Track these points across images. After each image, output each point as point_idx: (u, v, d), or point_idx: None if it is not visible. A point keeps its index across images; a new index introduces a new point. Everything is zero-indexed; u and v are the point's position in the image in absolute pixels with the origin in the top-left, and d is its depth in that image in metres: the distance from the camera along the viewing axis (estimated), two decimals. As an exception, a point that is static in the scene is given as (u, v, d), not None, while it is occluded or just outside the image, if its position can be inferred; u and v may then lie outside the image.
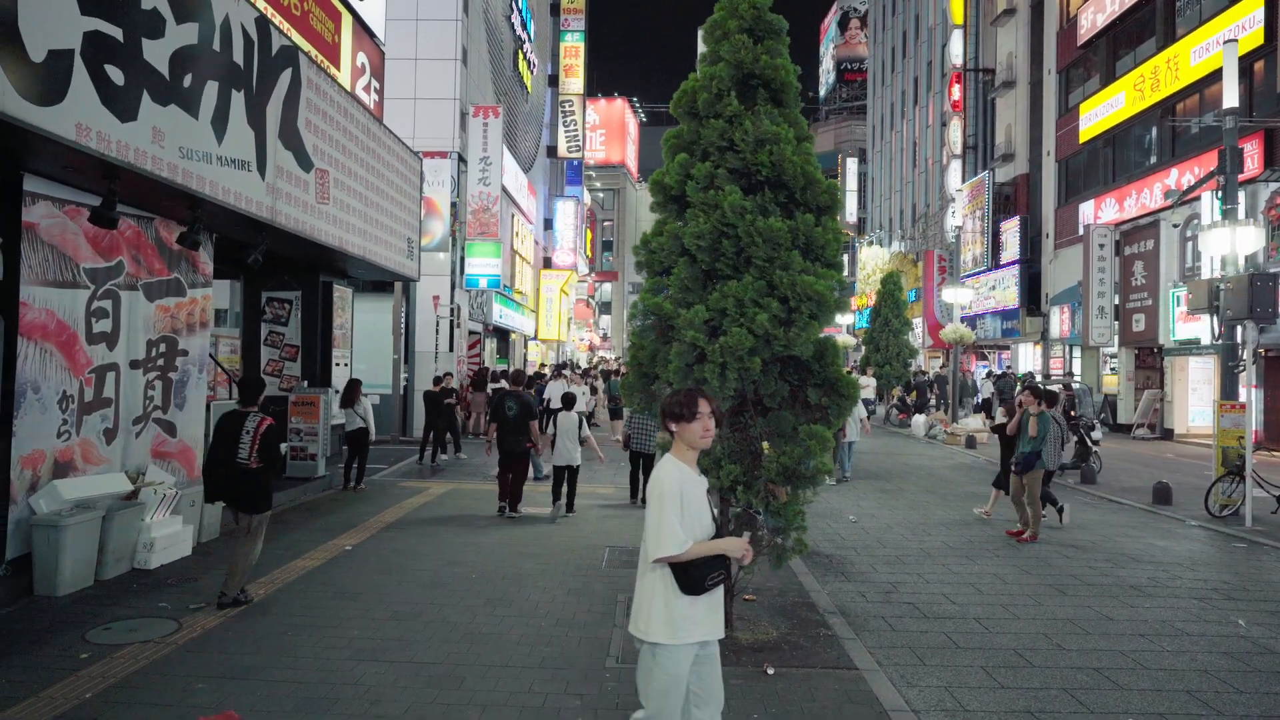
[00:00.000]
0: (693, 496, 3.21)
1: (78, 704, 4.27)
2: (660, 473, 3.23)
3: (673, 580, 3.13)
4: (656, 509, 3.14)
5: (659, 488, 3.18)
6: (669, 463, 3.28)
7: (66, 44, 5.31)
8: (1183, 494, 11.62)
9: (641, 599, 3.22)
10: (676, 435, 3.31)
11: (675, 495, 3.14)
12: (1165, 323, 20.60)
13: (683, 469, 3.25)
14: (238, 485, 5.99)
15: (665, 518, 3.10)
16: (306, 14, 10.92)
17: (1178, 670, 5.20)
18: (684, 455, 3.30)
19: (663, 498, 3.14)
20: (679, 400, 3.31)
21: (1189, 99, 21.15)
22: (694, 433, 3.26)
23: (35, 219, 6.17)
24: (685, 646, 3.15)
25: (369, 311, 16.56)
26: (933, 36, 41.95)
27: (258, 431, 5.98)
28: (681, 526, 3.11)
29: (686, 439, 3.28)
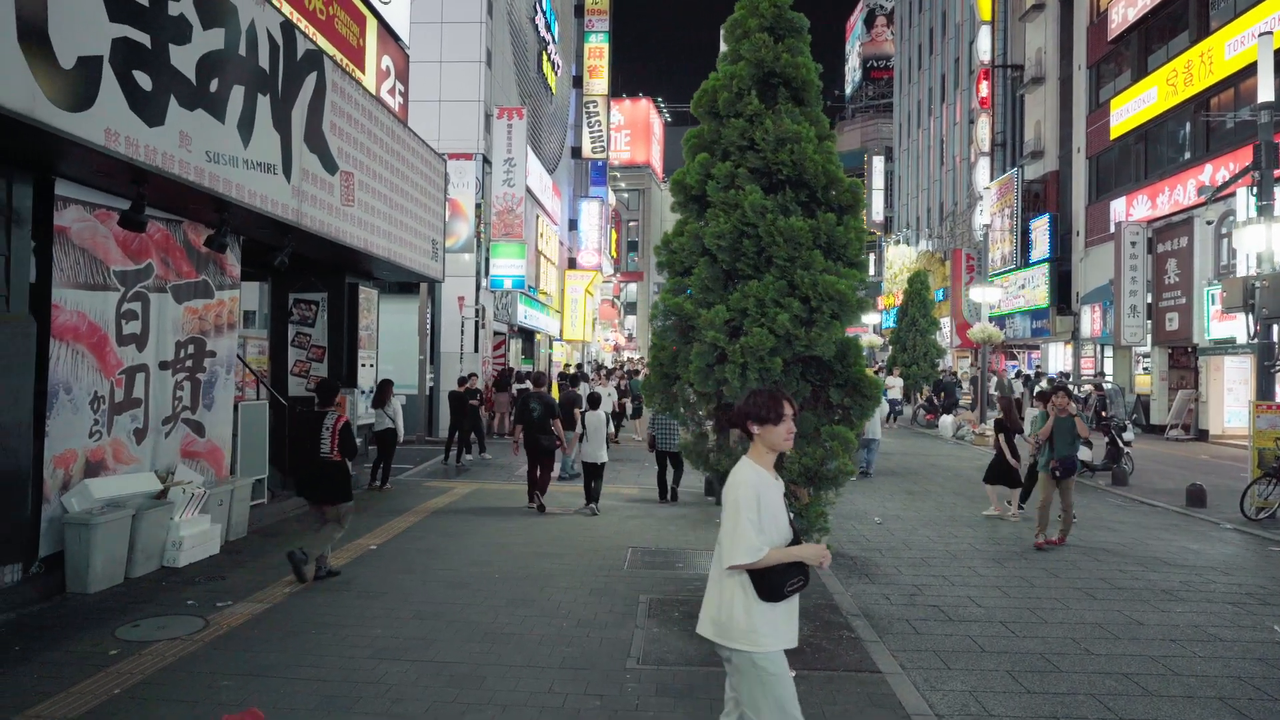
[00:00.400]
0: (770, 500, 3.10)
1: (106, 700, 4.35)
2: (737, 477, 3.12)
3: (751, 586, 3.05)
4: (732, 514, 3.04)
5: (735, 492, 3.07)
6: (747, 467, 3.16)
7: (96, 50, 5.40)
8: (1217, 496, 11.38)
9: (721, 605, 3.12)
10: (758, 438, 3.19)
11: (753, 501, 3.04)
12: (1199, 321, 20.21)
13: (760, 473, 3.13)
14: (323, 478, 6.72)
15: (740, 524, 3.01)
16: (331, 18, 11.03)
17: (1210, 677, 5.09)
18: (762, 458, 3.19)
19: (738, 503, 3.04)
20: (762, 402, 3.18)
21: (1223, 93, 20.72)
22: (778, 435, 3.15)
23: (67, 223, 6.28)
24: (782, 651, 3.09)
25: (395, 313, 16.70)
26: (960, 33, 41.50)
27: (335, 427, 6.74)
28: (758, 533, 3.00)
29: (769, 442, 3.17)
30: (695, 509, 10.27)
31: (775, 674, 3.06)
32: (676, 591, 6.57)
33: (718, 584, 3.15)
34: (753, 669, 3.06)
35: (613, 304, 46.96)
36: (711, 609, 3.16)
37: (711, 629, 3.15)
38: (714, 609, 3.15)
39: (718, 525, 8.43)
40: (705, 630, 3.18)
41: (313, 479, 6.79)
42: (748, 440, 3.25)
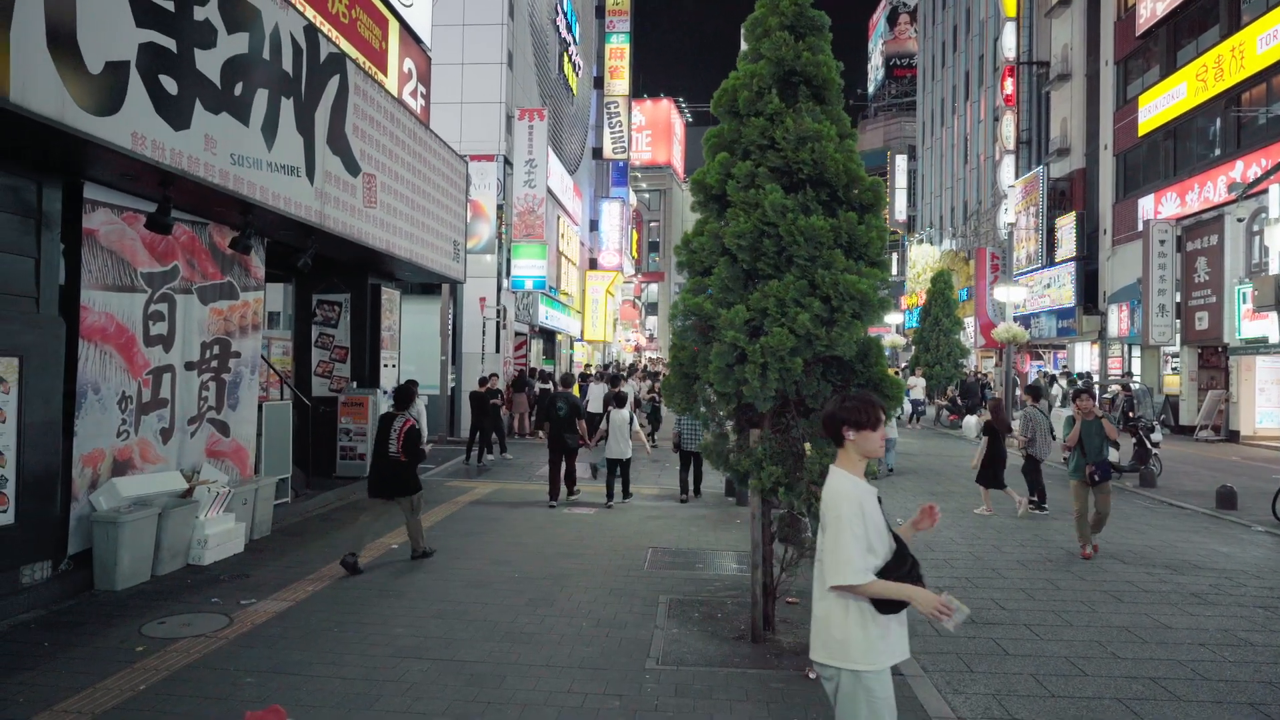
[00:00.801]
0: (872, 511, 2.92)
1: (132, 695, 4.41)
2: (837, 488, 2.94)
3: (854, 600, 2.89)
4: (834, 530, 2.87)
5: (837, 507, 2.89)
6: (843, 477, 2.97)
7: (123, 56, 5.48)
8: (1249, 498, 11.18)
9: (830, 621, 2.93)
10: (851, 444, 3.00)
11: (857, 514, 2.86)
12: (1230, 320, 19.86)
13: (858, 482, 2.95)
14: (390, 476, 7.29)
15: (844, 540, 2.83)
16: (354, 21, 11.12)
17: (1240, 682, 5.00)
18: (855, 466, 3.00)
19: (841, 519, 2.86)
20: (859, 406, 3.00)
21: (1255, 88, 20.35)
22: (874, 442, 2.98)
23: (95, 225, 6.38)
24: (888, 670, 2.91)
25: (417, 313, 16.81)
26: (984, 30, 41.09)
27: (402, 430, 7.28)
28: (866, 551, 2.84)
29: (864, 448, 2.99)
30: (716, 510, 10.24)
31: (881, 697, 2.86)
32: (696, 592, 6.56)
33: (820, 601, 2.98)
34: (857, 688, 2.87)
35: (634, 304, 46.95)
36: (817, 628, 2.99)
37: (818, 650, 2.98)
38: (818, 628, 2.99)
39: (738, 525, 8.42)
40: (816, 653, 2.99)
41: (380, 478, 7.35)
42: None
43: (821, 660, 2.96)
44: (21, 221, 5.79)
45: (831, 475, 3.02)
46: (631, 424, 10.67)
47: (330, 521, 9.07)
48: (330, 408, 11.36)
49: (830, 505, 2.93)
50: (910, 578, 2.90)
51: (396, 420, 7.35)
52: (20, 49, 4.71)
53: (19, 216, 5.77)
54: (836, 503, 2.90)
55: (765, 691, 4.64)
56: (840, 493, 2.92)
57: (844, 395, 3.12)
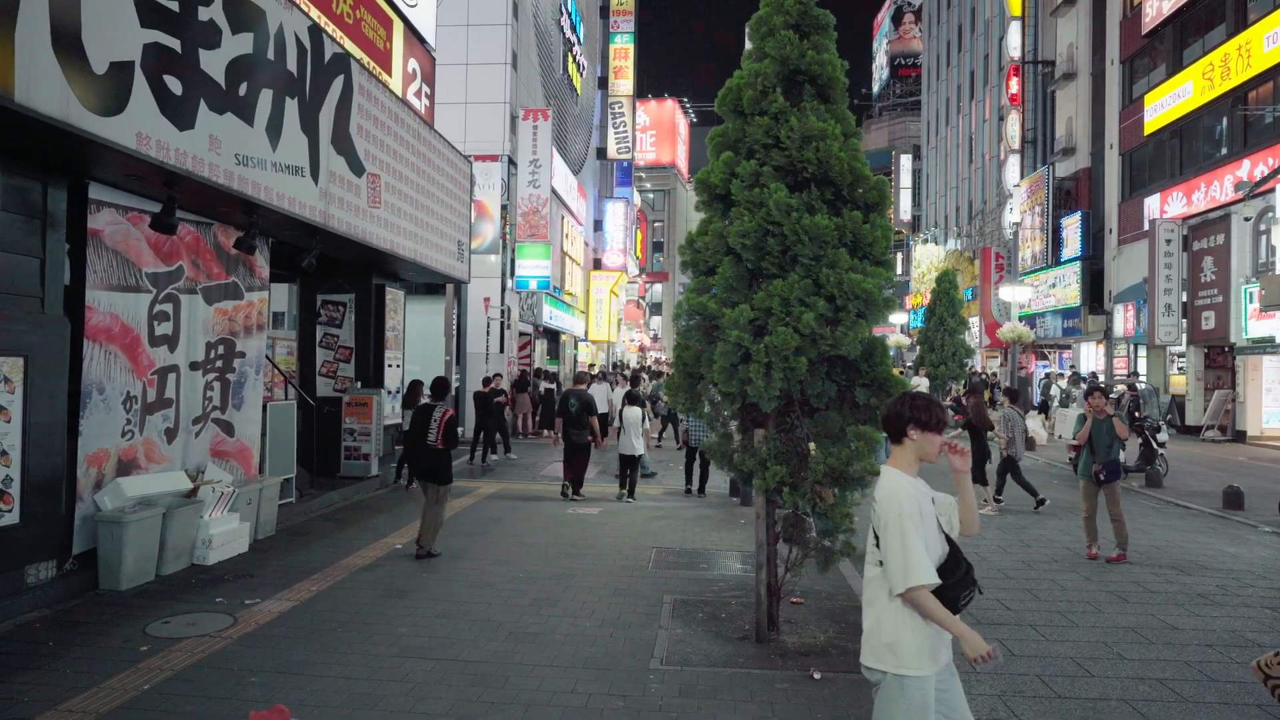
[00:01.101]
0: (929, 512, 2.88)
1: (136, 695, 4.41)
2: (894, 490, 2.88)
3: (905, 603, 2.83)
4: (898, 533, 2.80)
5: (897, 507, 2.82)
6: (900, 478, 2.91)
7: (127, 56, 5.49)
8: (1256, 499, 11.13)
9: (881, 625, 2.88)
10: (911, 445, 2.97)
11: (916, 515, 2.81)
12: (1237, 320, 19.78)
13: (914, 482, 2.91)
14: (429, 462, 7.65)
15: (910, 542, 2.77)
16: (359, 22, 11.13)
17: (1248, 683, 4.97)
18: (910, 467, 2.97)
19: (903, 518, 2.80)
20: (927, 406, 2.97)
21: (1262, 87, 20.27)
22: (935, 445, 2.96)
23: (100, 225, 6.39)
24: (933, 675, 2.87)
25: (421, 313, 16.81)
26: (989, 29, 41.00)
27: (441, 420, 7.65)
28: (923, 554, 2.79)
29: (924, 450, 2.96)
30: (720, 509, 10.23)
31: (920, 704, 2.82)
32: (700, 592, 6.55)
33: (873, 605, 2.94)
34: (899, 692, 2.83)
35: (638, 304, 46.93)
36: (869, 633, 2.96)
37: (867, 654, 2.95)
38: (869, 633, 2.95)
39: (742, 525, 8.40)
40: (865, 658, 2.95)
41: (420, 462, 7.81)
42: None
43: (869, 664, 2.92)
44: (27, 221, 5.80)
45: (887, 475, 2.97)
46: (643, 422, 11.05)
47: (334, 521, 9.08)
48: (335, 408, 11.38)
49: (888, 506, 2.85)
50: (965, 583, 2.87)
51: (436, 410, 7.73)
52: (25, 49, 4.72)
53: (24, 216, 5.78)
54: (898, 503, 2.83)
55: (770, 692, 4.63)
56: (900, 494, 2.85)
57: (910, 394, 3.07)
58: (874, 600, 2.93)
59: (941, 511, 2.97)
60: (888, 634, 2.86)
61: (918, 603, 2.78)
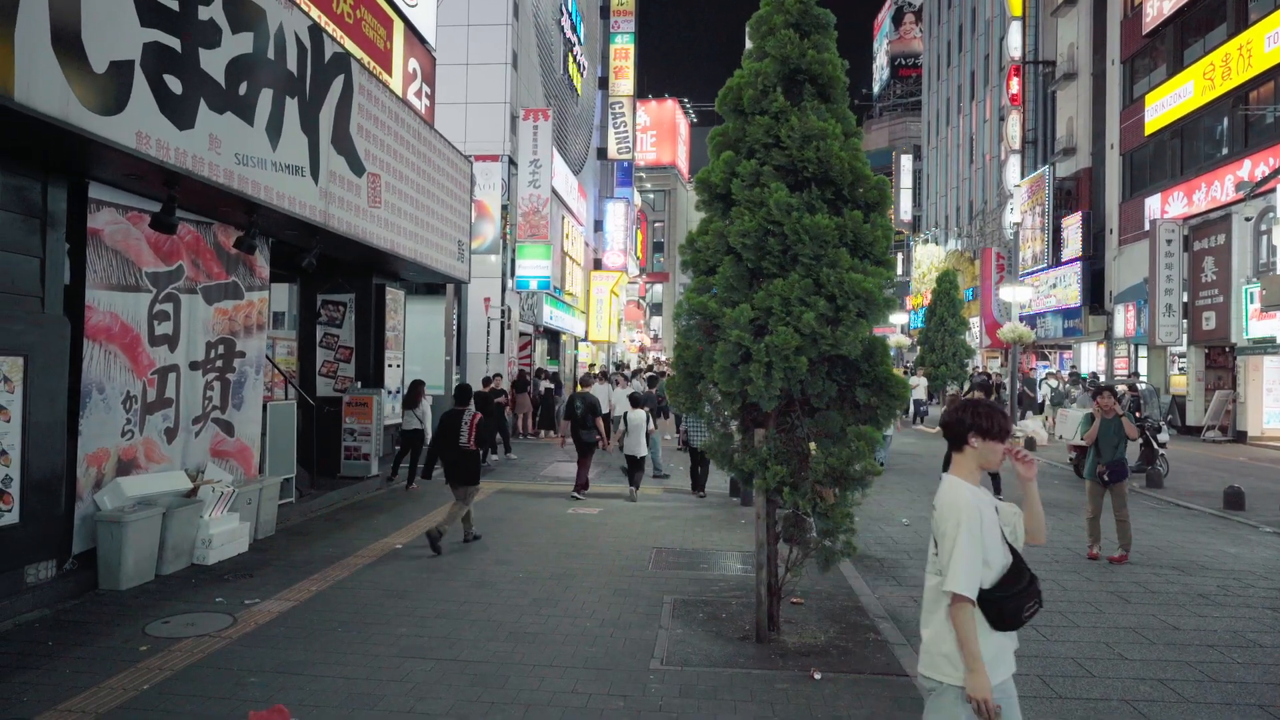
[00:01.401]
0: (991, 522, 2.84)
1: (135, 695, 4.40)
2: (956, 497, 2.85)
3: (980, 614, 2.79)
4: (953, 538, 2.78)
5: (958, 514, 2.80)
6: (961, 487, 2.88)
7: (127, 55, 5.48)
8: (1256, 499, 11.12)
9: (945, 636, 2.83)
10: (973, 452, 2.93)
11: (977, 525, 2.78)
12: (1237, 320, 19.76)
13: (977, 492, 2.88)
14: (460, 464, 7.92)
15: (961, 550, 2.75)
16: (359, 21, 11.13)
17: (1249, 684, 4.96)
18: (972, 475, 2.93)
19: (961, 526, 2.78)
20: (989, 413, 2.92)
21: (1263, 87, 20.26)
22: (997, 453, 2.91)
23: (100, 225, 6.39)
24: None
25: (421, 313, 16.78)
26: (990, 29, 41.00)
27: (472, 423, 8.01)
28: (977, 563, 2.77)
29: (986, 458, 2.92)
30: (721, 510, 10.22)
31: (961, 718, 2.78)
32: (701, 593, 6.54)
33: (933, 613, 2.90)
34: (953, 705, 2.79)
35: (638, 305, 46.94)
36: (927, 644, 2.91)
37: (925, 664, 2.91)
38: (928, 643, 2.91)
39: (743, 526, 8.40)
40: (922, 666, 2.93)
41: (452, 464, 7.98)
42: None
43: (926, 673, 2.88)
44: (26, 221, 5.79)
45: (948, 483, 2.93)
46: (648, 423, 11.34)
47: (334, 521, 9.07)
48: (335, 408, 11.37)
49: (949, 514, 2.83)
50: (1028, 594, 2.83)
51: (466, 414, 8.08)
52: (25, 48, 4.71)
53: (24, 216, 5.78)
54: (956, 512, 2.81)
55: (770, 692, 4.62)
56: (962, 502, 2.82)
57: (972, 401, 3.02)
58: (934, 609, 2.88)
59: (1005, 521, 2.92)
60: (948, 644, 2.81)
61: (953, 614, 2.76)
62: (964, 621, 2.75)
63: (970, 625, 2.75)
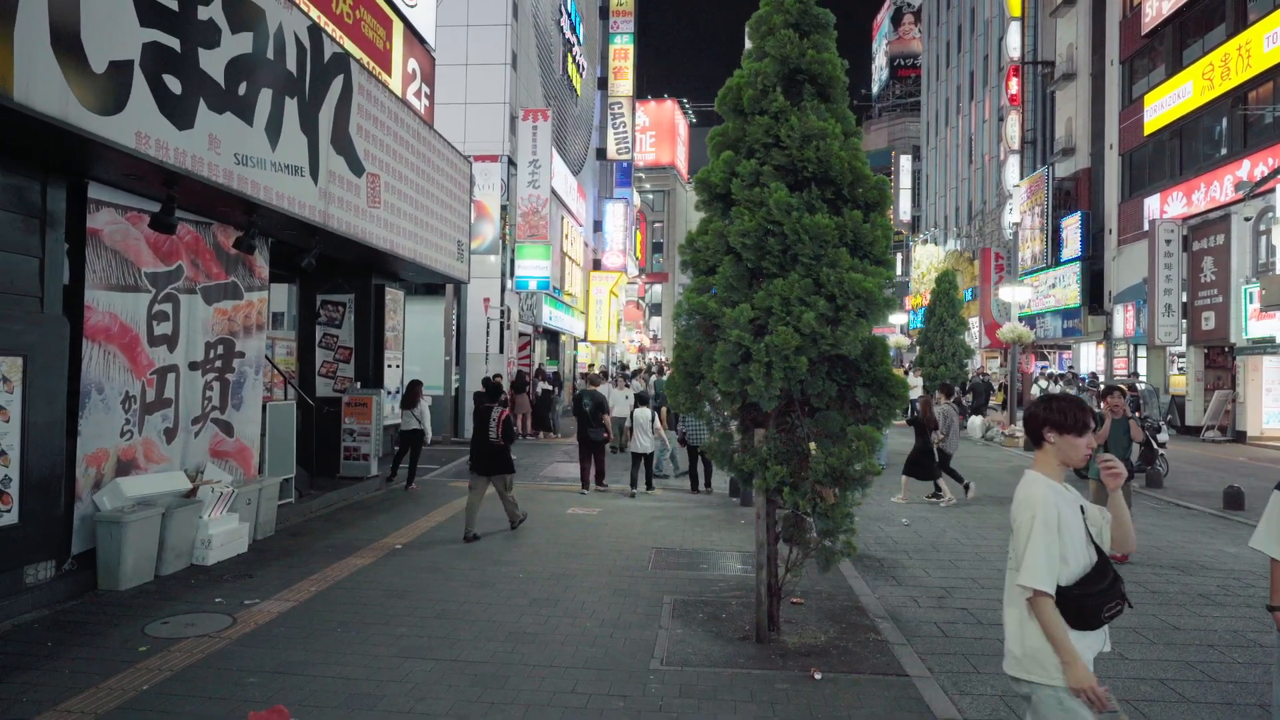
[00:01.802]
0: (1071, 519, 2.81)
1: (135, 695, 4.40)
2: (1032, 493, 2.83)
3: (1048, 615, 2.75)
4: (1026, 534, 2.77)
5: (1031, 510, 2.79)
6: (1041, 482, 2.86)
7: (126, 55, 5.47)
8: (1256, 499, 11.11)
9: (1025, 632, 2.81)
10: (1052, 448, 2.90)
11: (1053, 522, 2.75)
12: (1237, 320, 19.78)
13: (1056, 488, 2.84)
14: (491, 457, 8.50)
15: (1034, 544, 2.73)
16: (358, 22, 11.12)
17: (1249, 684, 4.96)
18: (1054, 471, 2.89)
19: (1034, 522, 2.76)
20: (1063, 408, 2.89)
21: (1262, 87, 20.27)
22: (1079, 448, 2.87)
23: (99, 225, 6.38)
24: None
25: (421, 314, 16.81)
26: (989, 30, 41.03)
27: (500, 418, 8.46)
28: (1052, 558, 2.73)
29: (1067, 454, 2.88)
30: (721, 510, 10.22)
31: (1085, 715, 2.72)
32: (700, 593, 6.54)
33: (1010, 607, 2.89)
34: (1058, 708, 2.74)
35: (638, 305, 46.92)
36: (1008, 639, 2.88)
37: (1006, 659, 2.89)
38: (1009, 638, 2.87)
39: (742, 526, 8.37)
40: (1009, 668, 2.88)
41: (482, 457, 8.54)
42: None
43: (1016, 675, 2.84)
44: (26, 221, 5.79)
45: (1028, 479, 2.91)
46: (653, 420, 11.55)
47: (334, 522, 9.06)
48: (334, 408, 11.37)
49: (1024, 509, 2.81)
50: (1111, 594, 2.78)
51: (494, 410, 8.57)
52: (24, 48, 4.70)
53: (23, 216, 5.77)
54: (1031, 506, 2.80)
55: (770, 692, 4.62)
56: (1037, 498, 2.80)
57: (1049, 396, 3.01)
58: (1010, 604, 2.87)
59: (1092, 522, 2.88)
60: (1031, 640, 2.78)
61: (1035, 608, 2.74)
62: (1047, 615, 2.72)
63: (1055, 618, 2.72)
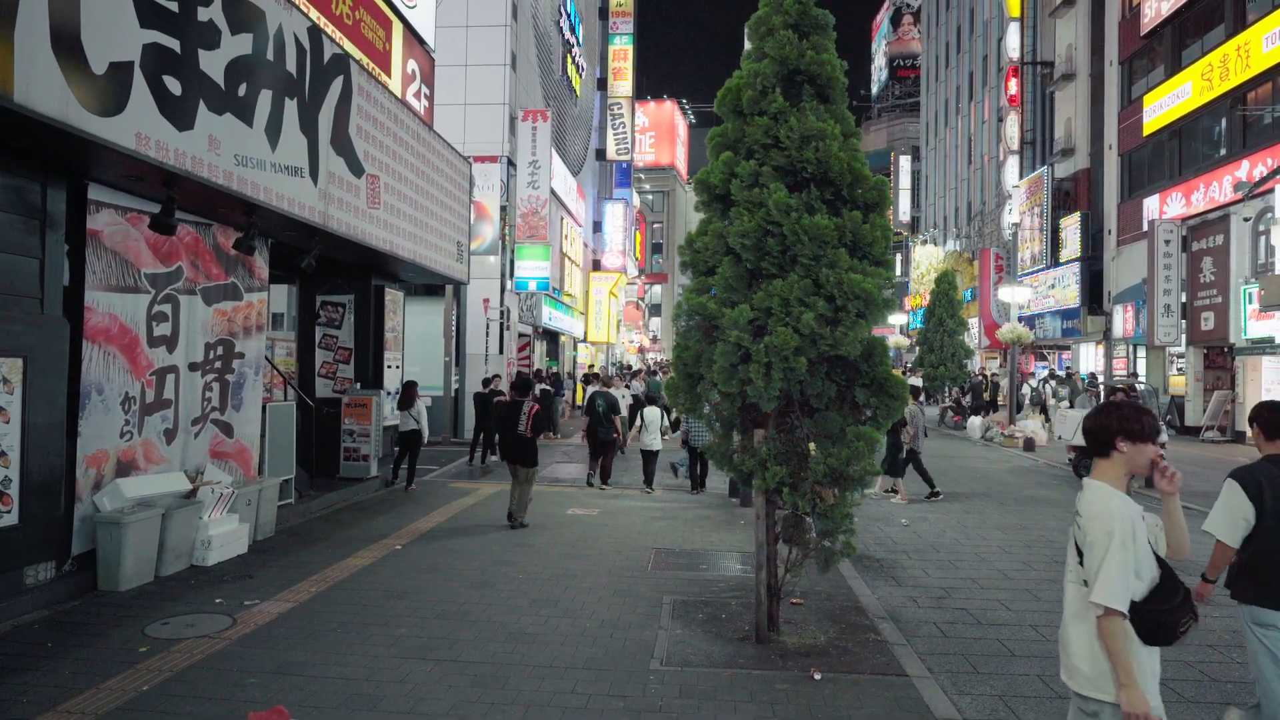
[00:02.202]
0: (1141, 532, 2.71)
1: (135, 696, 4.40)
2: (1106, 506, 2.72)
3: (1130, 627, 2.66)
4: (1103, 550, 2.65)
5: (1108, 524, 2.66)
6: (1112, 494, 2.75)
7: (127, 56, 5.48)
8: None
9: (1094, 648, 2.73)
10: (1121, 457, 2.80)
11: (1129, 540, 2.65)
12: (1236, 321, 19.78)
13: (1127, 500, 2.74)
14: (518, 449, 9.01)
15: (1112, 562, 2.62)
16: (358, 23, 11.13)
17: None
18: (1119, 481, 2.80)
19: (1112, 536, 2.64)
20: (1135, 415, 2.78)
21: (1261, 88, 20.28)
22: (1147, 455, 2.77)
23: (99, 226, 6.39)
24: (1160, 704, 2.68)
25: (420, 314, 16.81)
26: (988, 30, 41.05)
27: (530, 413, 9.05)
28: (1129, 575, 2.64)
29: (1136, 462, 2.78)
30: (720, 510, 10.22)
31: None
32: (700, 593, 6.54)
33: (1076, 624, 2.80)
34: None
35: (637, 306, 46.94)
36: (1073, 655, 2.80)
37: (1074, 677, 2.81)
38: (1076, 655, 2.79)
39: (742, 526, 8.38)
40: (1071, 679, 2.83)
41: (512, 448, 9.13)
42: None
43: (1087, 693, 2.77)
44: (26, 222, 5.79)
45: (1095, 491, 2.79)
46: (662, 420, 12.35)
47: (334, 522, 9.07)
48: (334, 409, 11.37)
49: (1099, 523, 2.70)
50: (1184, 609, 2.72)
51: (525, 404, 9.17)
52: (24, 50, 4.71)
53: (24, 217, 5.77)
54: (1107, 521, 2.68)
55: (770, 692, 4.62)
56: (1114, 511, 2.69)
57: (1115, 403, 2.90)
58: (1078, 621, 2.79)
59: (1150, 532, 2.82)
60: (1102, 658, 2.70)
61: (1103, 627, 2.65)
62: (1115, 635, 2.64)
63: (1122, 639, 2.64)
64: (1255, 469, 3.96)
